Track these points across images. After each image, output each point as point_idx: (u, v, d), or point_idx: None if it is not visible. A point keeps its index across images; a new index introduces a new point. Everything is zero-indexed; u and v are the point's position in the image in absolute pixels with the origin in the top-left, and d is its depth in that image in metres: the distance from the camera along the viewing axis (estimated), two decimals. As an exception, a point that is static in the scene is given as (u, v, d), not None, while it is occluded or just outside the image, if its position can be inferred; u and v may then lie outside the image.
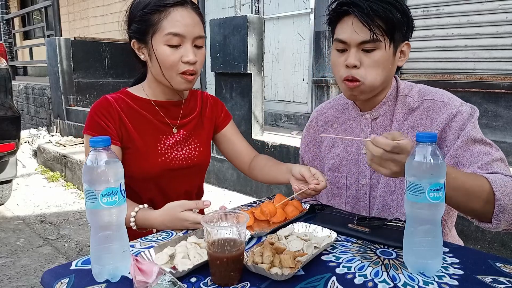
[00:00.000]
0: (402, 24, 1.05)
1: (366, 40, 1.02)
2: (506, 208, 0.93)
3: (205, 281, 0.78)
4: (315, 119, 1.36)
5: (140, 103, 1.23)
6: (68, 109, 5.53)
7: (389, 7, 1.02)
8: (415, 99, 1.14)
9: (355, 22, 1.03)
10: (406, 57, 1.13)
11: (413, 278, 0.78)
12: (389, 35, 1.04)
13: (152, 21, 1.12)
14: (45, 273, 0.84)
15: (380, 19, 1.02)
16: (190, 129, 1.30)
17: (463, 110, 1.07)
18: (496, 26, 2.72)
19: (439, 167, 0.76)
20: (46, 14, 8.27)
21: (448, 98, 1.11)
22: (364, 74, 1.06)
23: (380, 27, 1.02)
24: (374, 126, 1.19)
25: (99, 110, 1.19)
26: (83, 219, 3.37)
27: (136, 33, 1.16)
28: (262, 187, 3.30)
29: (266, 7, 4.44)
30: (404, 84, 1.19)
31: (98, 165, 0.75)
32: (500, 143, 2.71)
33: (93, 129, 1.17)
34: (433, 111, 1.10)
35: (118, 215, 0.78)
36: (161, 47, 1.12)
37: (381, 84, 1.09)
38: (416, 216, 0.79)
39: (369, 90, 1.09)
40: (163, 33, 1.11)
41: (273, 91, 4.66)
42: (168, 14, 1.11)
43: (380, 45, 1.04)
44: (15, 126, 3.25)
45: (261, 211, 1.09)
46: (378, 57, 1.05)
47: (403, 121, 1.14)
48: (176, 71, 1.14)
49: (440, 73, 3.02)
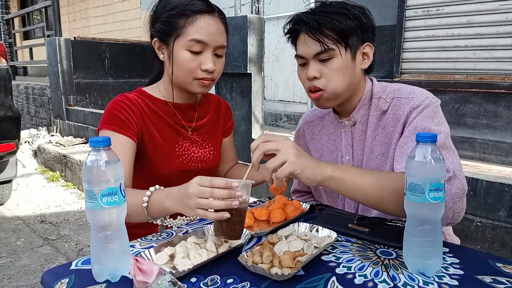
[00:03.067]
0: (354, 29, 1.07)
1: (319, 51, 1.07)
2: None
3: (205, 281, 0.78)
4: (302, 129, 1.38)
5: (158, 104, 1.23)
6: (68, 109, 5.53)
7: (336, 17, 1.06)
8: (387, 100, 1.14)
9: (306, 37, 1.08)
10: (369, 59, 1.14)
11: (413, 278, 0.78)
12: (342, 43, 1.07)
13: (177, 25, 1.11)
14: (45, 273, 0.84)
15: (328, 29, 1.06)
16: (205, 132, 1.31)
17: (422, 103, 1.06)
18: (496, 26, 2.72)
19: (439, 167, 0.76)
20: (46, 14, 8.28)
21: (414, 93, 1.10)
22: (325, 83, 1.09)
23: (330, 36, 1.06)
24: (354, 131, 1.20)
25: (119, 105, 1.15)
26: (83, 219, 3.37)
27: (159, 33, 1.15)
28: (262, 187, 3.30)
29: (266, 7, 4.44)
30: (378, 86, 1.19)
31: (98, 165, 0.75)
32: (500, 143, 2.71)
33: (112, 123, 1.13)
34: (398, 108, 1.10)
35: (118, 215, 0.78)
36: (182, 51, 1.12)
37: (346, 89, 1.11)
38: (416, 216, 0.79)
39: (332, 97, 1.11)
40: (186, 38, 1.11)
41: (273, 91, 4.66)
42: (195, 20, 1.11)
43: (334, 53, 1.07)
44: (15, 126, 3.25)
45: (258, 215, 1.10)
46: (335, 65, 1.08)
47: (376, 123, 1.15)
48: (194, 77, 1.14)
49: (440, 73, 3.02)
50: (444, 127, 1.04)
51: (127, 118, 1.14)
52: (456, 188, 0.92)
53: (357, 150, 1.19)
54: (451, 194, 0.92)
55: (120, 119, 1.13)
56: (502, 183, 2.07)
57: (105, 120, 1.15)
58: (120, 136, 1.12)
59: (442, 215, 0.89)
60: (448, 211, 0.92)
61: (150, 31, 1.19)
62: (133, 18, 7.00)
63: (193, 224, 1.11)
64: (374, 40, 1.14)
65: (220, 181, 0.84)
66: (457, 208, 0.93)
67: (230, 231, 0.86)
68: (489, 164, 2.67)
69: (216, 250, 0.87)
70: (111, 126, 1.13)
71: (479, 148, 2.80)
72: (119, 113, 1.14)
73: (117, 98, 1.19)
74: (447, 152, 0.99)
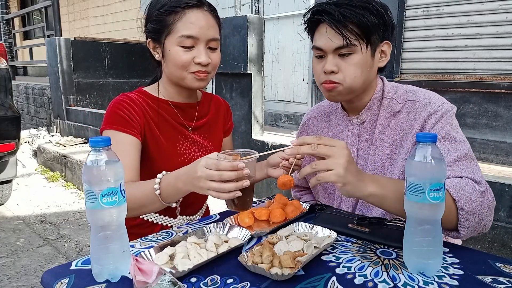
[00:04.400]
0: (377, 26, 1.05)
1: (341, 45, 1.04)
2: (470, 212, 0.91)
3: (205, 281, 0.78)
4: (306, 123, 1.37)
5: (158, 103, 1.23)
6: (68, 109, 5.53)
7: (361, 11, 1.03)
8: (399, 101, 1.13)
9: (329, 29, 1.05)
10: (387, 57, 1.13)
11: (413, 278, 0.78)
12: (364, 39, 1.04)
13: (167, 22, 1.12)
14: (45, 273, 0.84)
15: (353, 24, 1.03)
16: (205, 131, 1.31)
17: (440, 109, 1.06)
18: (496, 26, 2.72)
19: (439, 167, 0.76)
20: (46, 14, 8.27)
21: (429, 98, 1.09)
22: (342, 78, 1.07)
23: (354, 31, 1.03)
24: (362, 130, 1.19)
25: (121, 104, 1.15)
26: (83, 219, 3.37)
27: (152, 33, 1.16)
28: (262, 187, 3.30)
29: (266, 7, 4.44)
30: (390, 86, 1.18)
31: (98, 165, 0.75)
32: (500, 143, 2.71)
33: (116, 122, 1.12)
34: (414, 112, 1.10)
35: (118, 215, 0.78)
36: (174, 47, 1.12)
37: (361, 86, 1.09)
38: (416, 216, 0.79)
39: (346, 92, 1.09)
40: (176, 35, 1.11)
41: (273, 91, 4.66)
42: (184, 15, 1.11)
43: (356, 49, 1.05)
44: (15, 126, 3.25)
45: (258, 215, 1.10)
46: (355, 61, 1.05)
47: (386, 124, 1.14)
48: (188, 71, 1.14)
49: (440, 73, 3.02)
50: (462, 135, 1.05)
51: (130, 117, 1.14)
52: (488, 201, 0.94)
53: (362, 149, 1.18)
54: (483, 207, 0.92)
55: (123, 118, 1.13)
56: (502, 183, 2.07)
57: (108, 120, 1.14)
58: (125, 135, 1.12)
59: (472, 226, 0.92)
60: (480, 224, 0.93)
61: (144, 32, 1.20)
62: (133, 18, 6.99)
63: (193, 224, 1.11)
64: (391, 39, 1.12)
65: (226, 164, 0.86)
66: (488, 220, 0.95)
67: (242, 205, 0.98)
68: (489, 164, 2.67)
69: (216, 250, 0.87)
70: (115, 125, 1.13)
71: (479, 148, 2.80)
72: (122, 112, 1.14)
73: (119, 97, 1.19)
74: (471, 163, 1.00)
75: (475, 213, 0.91)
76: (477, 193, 0.92)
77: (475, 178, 0.96)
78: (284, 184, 1.02)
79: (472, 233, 0.95)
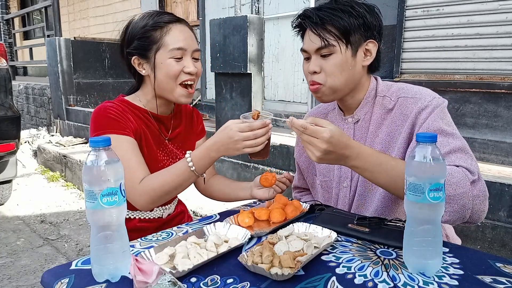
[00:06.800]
0: (357, 27, 1.09)
1: (320, 46, 1.10)
2: (453, 198, 0.92)
3: (205, 281, 0.78)
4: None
5: (139, 112, 1.25)
6: (68, 109, 5.53)
7: (340, 13, 1.08)
8: (392, 98, 1.16)
9: (310, 32, 1.12)
10: (372, 55, 1.14)
11: (413, 278, 0.78)
12: (343, 39, 1.09)
13: (154, 38, 1.17)
14: (45, 273, 0.84)
15: (331, 26, 1.09)
16: (179, 141, 1.35)
17: (430, 104, 1.08)
18: (496, 26, 2.72)
19: (439, 167, 0.76)
20: (46, 14, 8.27)
21: (420, 94, 1.12)
22: (324, 78, 1.12)
23: (332, 33, 1.08)
24: (356, 129, 1.21)
25: (109, 110, 1.16)
26: (83, 219, 3.38)
27: (139, 49, 1.20)
28: (262, 187, 3.29)
29: (266, 7, 4.44)
30: (383, 84, 1.20)
31: (98, 165, 0.75)
32: (500, 143, 2.71)
33: (109, 127, 1.14)
34: (405, 107, 1.12)
35: (118, 215, 0.78)
36: (166, 60, 1.17)
37: (344, 85, 1.13)
38: (416, 216, 0.79)
39: (330, 92, 1.14)
40: (168, 48, 1.17)
41: (273, 91, 4.65)
42: (169, 30, 1.18)
43: (335, 49, 1.09)
44: (15, 126, 3.25)
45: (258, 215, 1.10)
46: (335, 61, 1.10)
47: (380, 121, 1.16)
48: (178, 81, 1.19)
49: (440, 73, 3.02)
50: (454, 128, 1.06)
51: (122, 120, 1.16)
52: (478, 191, 0.94)
53: None
54: (471, 195, 0.93)
55: (116, 121, 1.15)
56: (502, 183, 2.07)
57: (100, 125, 1.15)
58: (123, 137, 1.14)
59: (456, 212, 0.93)
60: (466, 211, 0.94)
61: (126, 52, 1.23)
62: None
63: (193, 224, 1.11)
64: (380, 39, 1.15)
65: (258, 124, 1.03)
66: (477, 209, 0.95)
67: (266, 153, 1.10)
68: (489, 164, 2.67)
69: (216, 250, 0.87)
70: (109, 129, 1.13)
71: (479, 148, 2.80)
72: (113, 116, 1.16)
73: (103, 105, 1.20)
74: (466, 155, 1.00)
75: (459, 200, 0.93)
76: (466, 181, 0.94)
77: (468, 168, 0.97)
78: (266, 179, 1.13)
79: (457, 220, 0.96)
